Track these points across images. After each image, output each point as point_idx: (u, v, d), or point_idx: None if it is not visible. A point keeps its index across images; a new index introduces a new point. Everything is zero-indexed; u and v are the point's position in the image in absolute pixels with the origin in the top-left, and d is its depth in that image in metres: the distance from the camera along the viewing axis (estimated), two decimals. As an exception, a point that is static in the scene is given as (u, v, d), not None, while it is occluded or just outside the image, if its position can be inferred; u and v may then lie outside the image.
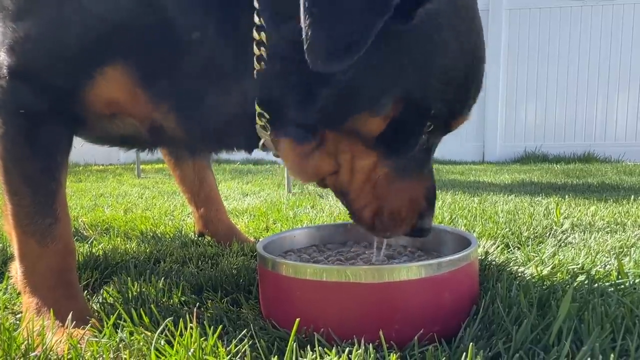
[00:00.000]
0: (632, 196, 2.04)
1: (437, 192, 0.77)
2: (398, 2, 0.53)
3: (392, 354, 0.60)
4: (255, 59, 0.65)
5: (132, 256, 1.20)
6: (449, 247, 0.92)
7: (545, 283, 0.91)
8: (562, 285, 0.86)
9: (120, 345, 0.66)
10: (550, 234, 1.39)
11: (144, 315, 0.73)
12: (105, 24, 0.67)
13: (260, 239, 1.38)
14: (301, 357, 0.61)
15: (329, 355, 0.58)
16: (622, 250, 1.18)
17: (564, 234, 1.38)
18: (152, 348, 0.62)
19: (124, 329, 0.69)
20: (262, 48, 0.65)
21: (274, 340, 0.69)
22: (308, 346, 0.64)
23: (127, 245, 1.36)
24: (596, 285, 0.87)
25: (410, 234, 0.75)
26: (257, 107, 0.68)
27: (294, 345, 0.58)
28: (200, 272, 1.06)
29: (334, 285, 0.67)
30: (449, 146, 0.91)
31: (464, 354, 0.61)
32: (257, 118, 0.69)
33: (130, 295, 0.85)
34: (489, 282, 0.88)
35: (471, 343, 0.58)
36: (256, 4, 0.64)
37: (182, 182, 1.35)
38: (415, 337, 0.64)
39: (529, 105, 5.30)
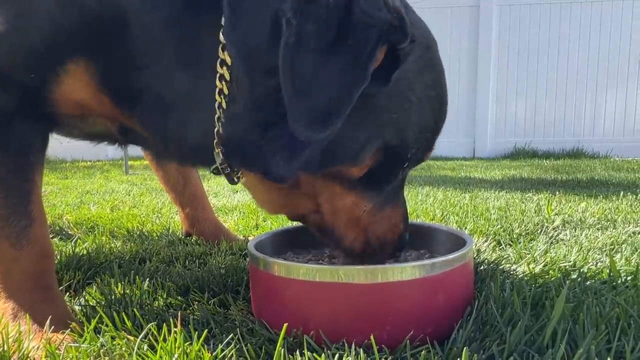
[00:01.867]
0: (621, 192, 2.04)
1: (429, 188, 0.81)
2: (372, 71, 0.56)
3: (383, 357, 0.58)
4: (217, 92, 0.64)
5: (117, 256, 1.17)
6: (443, 246, 0.90)
7: (538, 281, 0.90)
8: (555, 284, 0.85)
9: (101, 351, 0.63)
10: (541, 230, 1.38)
11: (126, 319, 0.70)
12: (69, 20, 0.65)
13: (251, 238, 1.35)
14: (290, 362, 0.59)
15: (318, 361, 0.56)
16: (613, 247, 1.17)
17: (555, 230, 1.37)
18: (134, 354, 0.59)
19: (106, 333, 0.67)
20: (224, 82, 0.63)
21: (262, 344, 0.67)
22: (297, 350, 0.62)
23: (113, 244, 1.32)
24: (589, 283, 0.86)
25: (395, 249, 0.80)
26: (215, 136, 0.68)
27: (282, 351, 0.56)
28: (188, 272, 1.03)
29: (326, 285, 0.65)
30: (440, 143, 0.91)
31: (457, 357, 0.59)
32: (215, 147, 0.69)
33: (113, 298, 0.82)
34: (482, 282, 0.87)
35: (465, 347, 0.56)
36: (222, 38, 0.62)
37: (165, 181, 1.33)
38: (407, 339, 0.63)
39: (519, 102, 5.33)
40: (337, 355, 0.58)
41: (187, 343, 0.63)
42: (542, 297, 0.77)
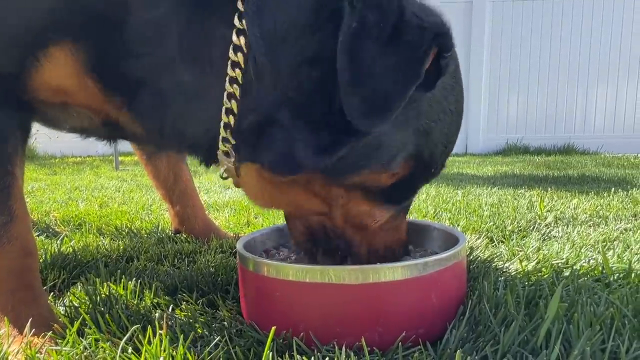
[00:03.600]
0: (612, 188, 2.05)
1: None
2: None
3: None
4: (227, 81, 0.60)
5: (104, 254, 1.14)
6: (435, 244, 0.89)
7: (530, 279, 0.89)
8: (548, 282, 0.84)
9: (83, 355, 0.61)
10: (534, 227, 1.37)
11: (110, 321, 0.68)
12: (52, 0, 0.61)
13: (241, 235, 1.33)
14: (279, 365, 0.57)
15: (307, 364, 0.54)
16: (605, 244, 1.17)
17: (548, 227, 1.37)
18: (118, 357, 0.57)
19: (89, 336, 0.65)
20: (237, 70, 0.60)
21: (251, 345, 0.65)
22: (287, 352, 0.61)
23: (100, 242, 1.30)
24: (581, 281, 0.86)
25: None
26: (222, 132, 0.64)
27: (270, 355, 0.54)
28: (176, 270, 1.01)
29: (316, 286, 0.63)
30: None
31: (450, 359, 0.58)
32: (220, 143, 0.65)
33: (98, 298, 0.80)
34: (475, 280, 0.86)
35: (458, 349, 0.55)
36: (237, 22, 0.59)
37: (155, 178, 1.30)
38: (399, 341, 0.61)
39: (511, 98, 5.34)
40: (327, 358, 0.56)
41: (174, 345, 0.61)
42: (535, 296, 0.76)
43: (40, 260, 1.06)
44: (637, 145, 4.81)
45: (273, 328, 0.59)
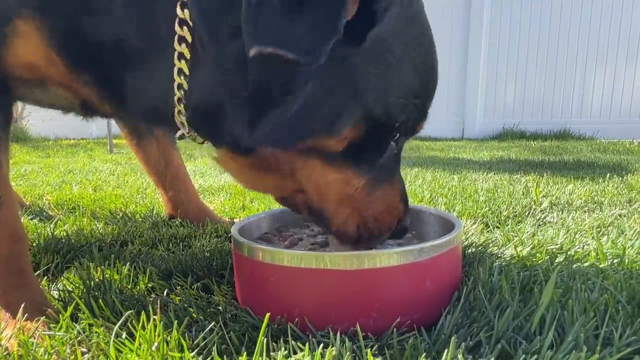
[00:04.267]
0: (608, 174, 2.05)
1: (418, 169, 0.76)
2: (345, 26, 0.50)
3: (369, 347, 0.57)
4: (176, 56, 0.59)
5: (98, 238, 1.14)
6: (431, 229, 0.89)
7: (525, 265, 0.90)
8: (542, 267, 0.84)
9: (77, 340, 0.61)
10: (529, 213, 1.38)
11: (104, 306, 0.68)
12: None
13: (236, 220, 1.33)
14: (273, 350, 0.57)
15: (302, 350, 0.54)
16: (599, 229, 1.17)
17: (543, 213, 1.37)
18: (112, 342, 0.57)
19: (83, 321, 0.64)
20: (184, 45, 0.58)
21: (246, 330, 0.65)
22: (281, 338, 0.61)
23: (94, 226, 1.29)
24: (576, 266, 0.86)
25: (392, 236, 0.73)
26: (176, 105, 0.62)
27: (264, 341, 0.54)
28: (171, 255, 1.00)
29: (311, 272, 0.63)
30: (429, 123, 0.88)
31: (445, 344, 0.58)
32: (176, 115, 0.64)
33: (92, 283, 0.79)
34: (470, 265, 0.86)
35: (453, 337, 0.55)
36: None
37: (146, 163, 1.28)
38: (393, 327, 0.62)
39: (509, 83, 5.32)
40: (322, 344, 0.56)
41: (168, 331, 0.61)
42: (529, 282, 0.76)
43: (34, 245, 1.06)
44: (633, 131, 4.82)
45: (268, 314, 0.59)
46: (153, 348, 0.57)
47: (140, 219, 1.39)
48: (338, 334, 0.58)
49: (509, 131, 5.23)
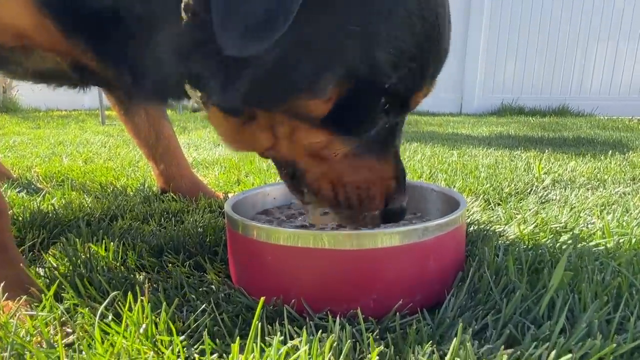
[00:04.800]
0: (610, 151, 2.02)
1: (417, 144, 0.68)
2: None
3: (369, 331, 0.54)
4: (182, 8, 0.52)
5: (87, 213, 1.09)
6: (433, 207, 0.85)
7: (530, 244, 0.87)
8: (548, 247, 0.81)
9: (61, 320, 0.57)
10: (531, 190, 1.34)
11: (89, 285, 0.64)
12: None
13: (230, 195, 1.29)
14: (268, 335, 0.54)
15: (299, 336, 0.51)
16: (603, 208, 1.14)
17: (545, 190, 1.34)
18: (96, 324, 0.54)
19: (67, 301, 0.61)
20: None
21: (239, 312, 0.62)
22: (277, 320, 0.58)
23: (83, 200, 1.24)
24: (581, 246, 0.83)
25: (384, 219, 0.65)
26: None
27: (259, 325, 0.51)
28: (162, 231, 0.97)
29: (309, 251, 0.59)
30: (426, 99, 0.84)
31: (449, 327, 0.55)
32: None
33: (78, 260, 0.76)
34: (472, 244, 0.83)
35: (460, 322, 0.52)
36: None
37: (136, 135, 1.22)
38: (395, 310, 0.58)
39: (509, 58, 5.23)
40: (320, 328, 0.53)
41: (156, 312, 0.58)
42: (535, 262, 0.73)
43: (19, 219, 1.01)
44: (633, 108, 4.77)
45: (262, 298, 0.56)
46: (141, 330, 0.53)
47: (131, 193, 1.35)
48: (338, 317, 0.54)
49: (507, 107, 5.18)
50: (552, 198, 1.26)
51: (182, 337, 0.53)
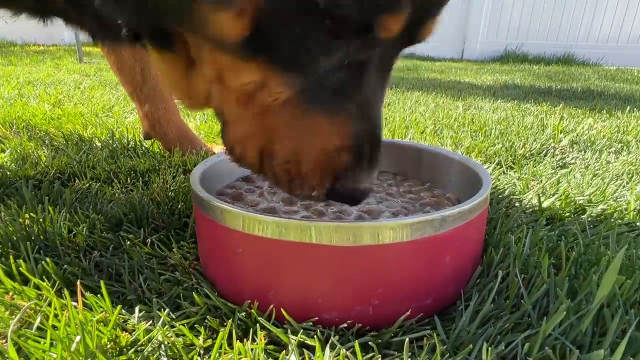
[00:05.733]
0: (628, 107, 1.87)
1: (418, 93, 0.52)
2: None
3: (368, 344, 0.41)
4: None
5: (40, 171, 0.94)
6: (446, 179, 0.71)
7: (553, 223, 0.74)
8: (579, 230, 0.69)
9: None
10: (547, 152, 1.21)
11: (15, 273, 0.51)
12: None
13: (216, 150, 1.13)
14: (239, 354, 0.42)
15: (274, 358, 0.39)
16: (630, 175, 1.01)
17: (563, 152, 1.20)
18: (9, 336, 0.41)
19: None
20: None
21: (205, 313, 0.50)
22: (251, 330, 0.45)
23: (41, 152, 1.09)
24: (613, 226, 0.71)
25: (334, 197, 0.45)
26: None
27: (224, 344, 0.38)
28: (123, 196, 0.82)
29: (292, 246, 0.46)
30: (426, 42, 0.71)
31: (468, 342, 0.43)
32: None
33: (15, 235, 0.62)
34: (489, 224, 0.70)
35: (484, 343, 0.40)
36: None
37: (120, 70, 1.03)
38: (402, 319, 0.46)
39: (516, 3, 4.89)
40: (303, 346, 0.41)
41: (101, 313, 0.45)
42: (557, 248, 0.60)
43: (-44, 177, 0.86)
44: (642, 58, 4.56)
45: (237, 306, 0.42)
46: (72, 349, 0.41)
47: (97, 145, 1.19)
48: (326, 330, 0.42)
49: (511, 53, 4.93)
50: (570, 162, 1.12)
51: (130, 351, 0.41)
